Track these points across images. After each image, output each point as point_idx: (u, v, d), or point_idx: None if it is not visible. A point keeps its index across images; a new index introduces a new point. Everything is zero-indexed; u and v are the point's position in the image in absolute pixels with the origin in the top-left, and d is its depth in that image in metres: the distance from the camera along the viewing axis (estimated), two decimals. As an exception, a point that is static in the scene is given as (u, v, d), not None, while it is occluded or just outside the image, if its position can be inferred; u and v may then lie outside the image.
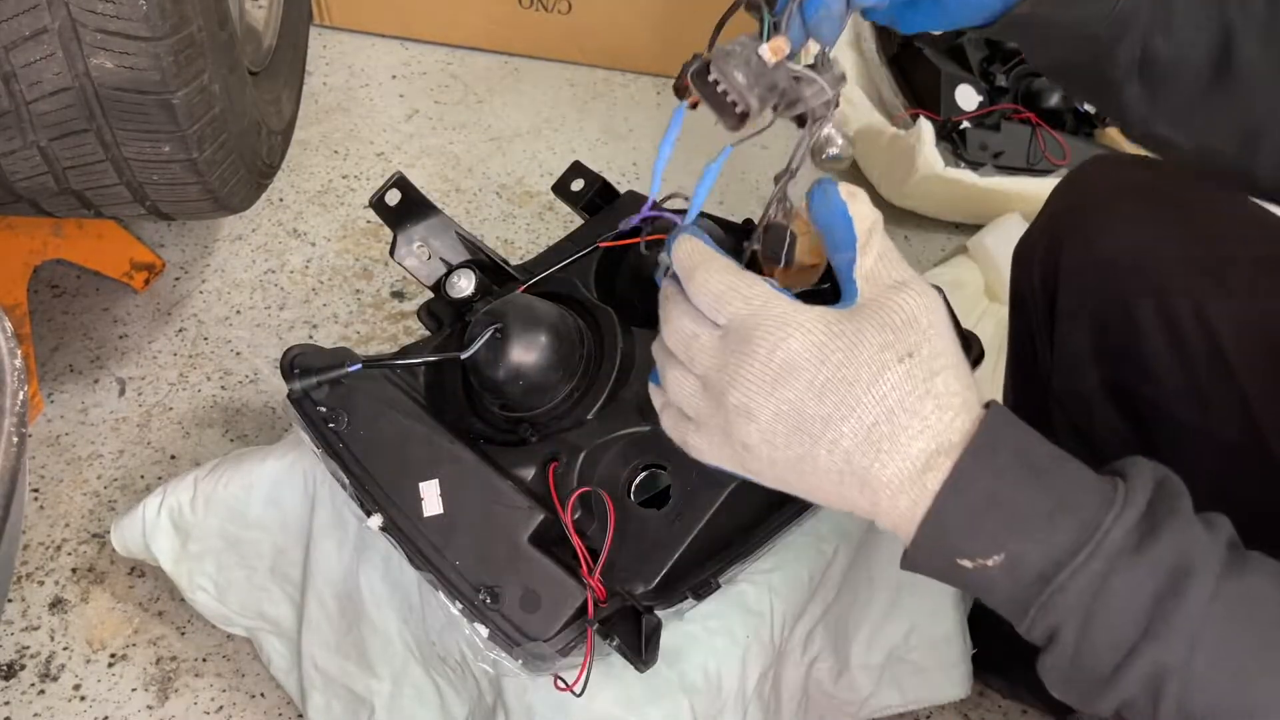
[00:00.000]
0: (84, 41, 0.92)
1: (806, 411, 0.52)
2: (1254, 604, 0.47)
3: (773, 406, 0.52)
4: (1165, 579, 0.48)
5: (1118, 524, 0.49)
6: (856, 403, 0.51)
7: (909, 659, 1.02)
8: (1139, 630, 0.48)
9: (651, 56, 2.15)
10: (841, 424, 0.51)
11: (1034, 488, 0.50)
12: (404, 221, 0.93)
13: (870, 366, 0.51)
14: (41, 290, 1.47)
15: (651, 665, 0.70)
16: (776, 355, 0.52)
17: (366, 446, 0.81)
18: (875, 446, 0.51)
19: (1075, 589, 0.49)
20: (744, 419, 0.53)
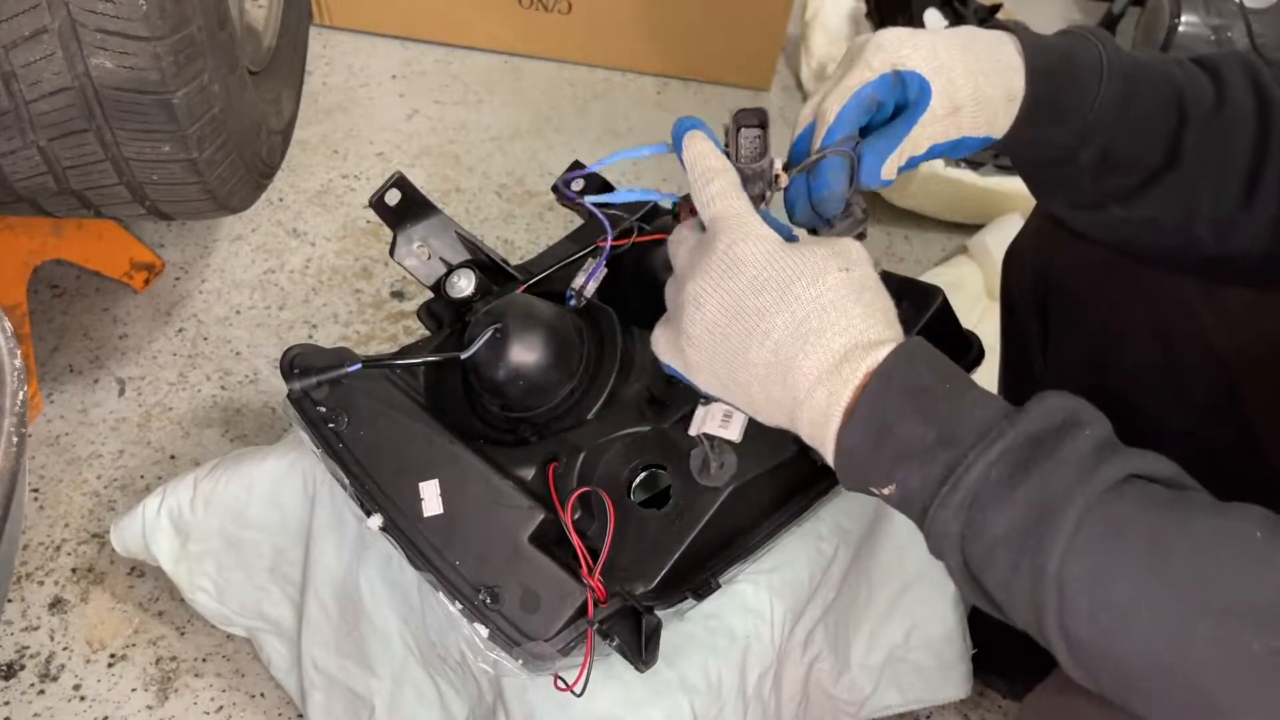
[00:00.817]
0: (84, 41, 0.92)
1: (745, 302, 0.58)
2: (1120, 532, 0.49)
3: (718, 296, 0.59)
4: (1032, 513, 0.51)
5: (980, 458, 0.52)
6: (794, 299, 0.57)
7: (909, 659, 1.02)
8: (1009, 563, 0.51)
9: (651, 56, 2.15)
10: (775, 315, 0.57)
11: (921, 421, 0.54)
12: (404, 221, 0.93)
13: (812, 270, 0.58)
14: (41, 290, 1.47)
15: (651, 665, 0.70)
16: (732, 251, 0.59)
17: (366, 446, 0.81)
18: (803, 339, 0.57)
19: (942, 519, 0.53)
20: (694, 307, 0.60)
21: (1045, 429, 0.53)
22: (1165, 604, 0.48)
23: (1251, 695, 0.46)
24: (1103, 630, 0.50)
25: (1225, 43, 2.28)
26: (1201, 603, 0.47)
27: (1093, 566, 0.49)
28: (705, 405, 0.70)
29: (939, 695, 1.06)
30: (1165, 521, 0.50)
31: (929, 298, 0.86)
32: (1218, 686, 0.47)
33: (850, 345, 0.57)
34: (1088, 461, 0.52)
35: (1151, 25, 2.43)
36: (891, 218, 1.92)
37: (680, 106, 2.11)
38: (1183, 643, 0.47)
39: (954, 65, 0.67)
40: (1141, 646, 0.49)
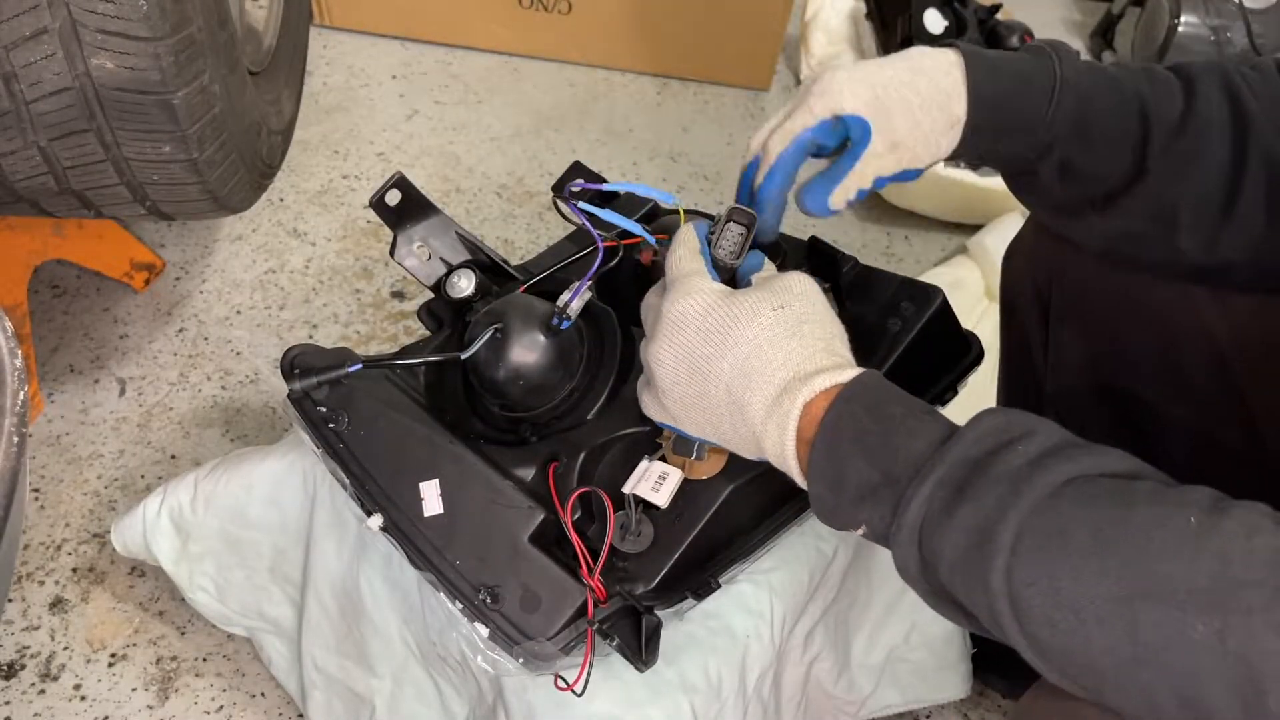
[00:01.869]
0: (84, 42, 0.92)
1: (696, 352, 0.64)
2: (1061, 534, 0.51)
3: (673, 350, 0.65)
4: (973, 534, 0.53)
5: (917, 492, 0.55)
6: (734, 342, 0.62)
7: (909, 659, 1.02)
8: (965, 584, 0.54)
9: (651, 56, 2.15)
10: (721, 360, 0.63)
11: (866, 464, 0.58)
12: (404, 221, 0.93)
13: (745, 313, 0.63)
14: (42, 290, 1.47)
15: (651, 665, 0.70)
16: (675, 309, 0.65)
17: (366, 446, 0.81)
18: (747, 378, 0.62)
19: (900, 554, 0.57)
20: (656, 364, 0.66)
21: (980, 451, 0.55)
22: (1111, 597, 0.49)
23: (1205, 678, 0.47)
24: (1062, 631, 0.51)
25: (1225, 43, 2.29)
26: (1143, 592, 0.48)
27: (1040, 573, 0.51)
28: (648, 463, 0.76)
29: (939, 695, 1.06)
30: (1105, 517, 0.51)
31: (929, 298, 0.86)
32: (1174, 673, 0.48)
33: (789, 378, 0.61)
34: (1021, 472, 0.53)
35: (1151, 25, 2.43)
36: (891, 218, 1.92)
37: (680, 106, 2.11)
38: (1133, 633, 0.48)
39: (893, 105, 0.72)
40: (1099, 642, 0.50)
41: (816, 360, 0.62)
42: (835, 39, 2.05)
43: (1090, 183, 0.77)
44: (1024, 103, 0.74)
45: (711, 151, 2.01)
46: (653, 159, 1.97)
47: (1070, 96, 0.74)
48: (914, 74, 0.73)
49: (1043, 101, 0.74)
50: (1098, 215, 0.78)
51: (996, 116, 0.73)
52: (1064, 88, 0.74)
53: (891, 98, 0.72)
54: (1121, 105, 0.75)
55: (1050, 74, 0.74)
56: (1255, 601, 0.46)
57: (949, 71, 0.73)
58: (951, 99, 0.73)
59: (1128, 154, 0.75)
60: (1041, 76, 0.74)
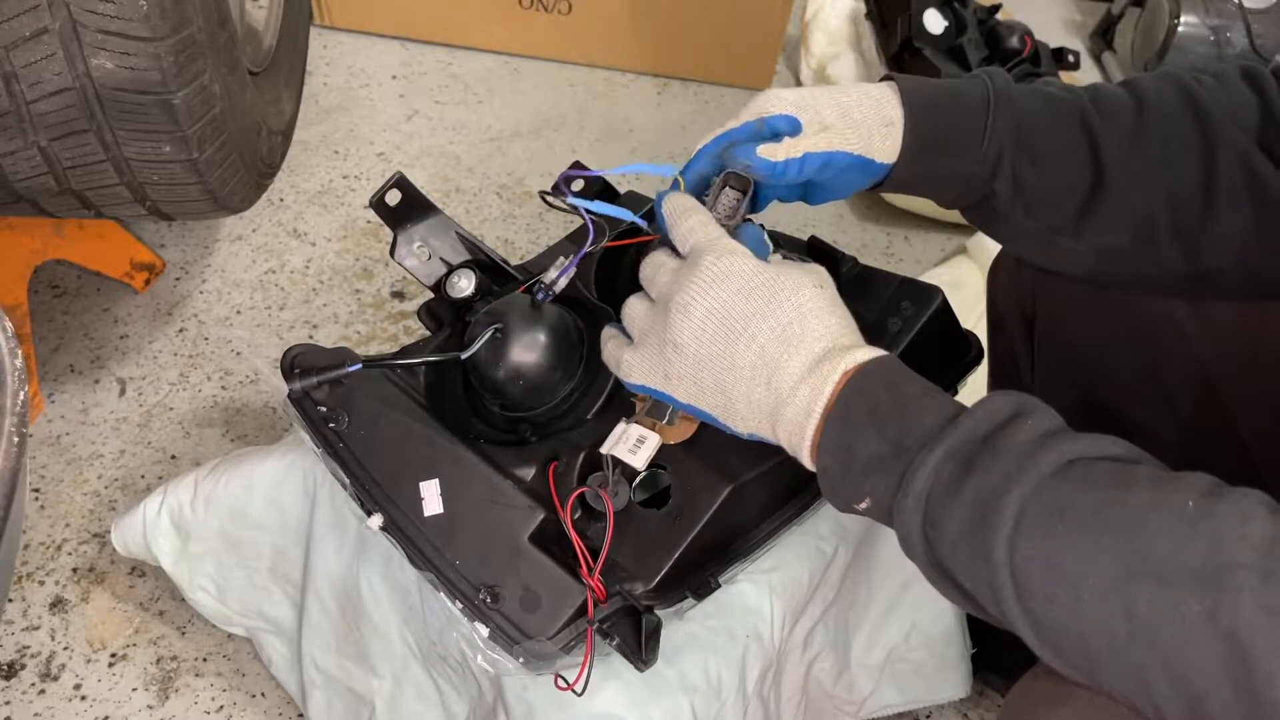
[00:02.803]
0: (84, 42, 0.92)
1: (734, 309, 0.63)
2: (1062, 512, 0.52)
3: (707, 303, 0.64)
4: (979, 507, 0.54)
5: (924, 462, 0.56)
6: (778, 305, 0.63)
7: (909, 658, 1.02)
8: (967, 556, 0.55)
9: (651, 56, 2.15)
10: (762, 320, 0.63)
11: (877, 437, 0.58)
12: (404, 221, 0.93)
13: (792, 281, 0.64)
14: (42, 290, 1.47)
15: (651, 665, 0.70)
16: (720, 264, 0.64)
17: (366, 446, 0.81)
18: (787, 342, 0.62)
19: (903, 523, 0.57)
20: (682, 315, 0.64)
21: (989, 427, 0.56)
22: (1108, 575, 0.50)
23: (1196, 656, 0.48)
24: (1059, 606, 0.51)
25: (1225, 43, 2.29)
26: (1140, 571, 0.49)
27: (1041, 548, 0.52)
28: (625, 425, 0.76)
29: (939, 694, 1.06)
30: (1105, 498, 0.51)
31: (929, 298, 0.86)
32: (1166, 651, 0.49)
33: (828, 348, 0.62)
34: (1027, 449, 0.54)
35: (1151, 25, 2.43)
36: (891, 218, 1.93)
37: (680, 106, 2.12)
38: (1128, 611, 0.49)
39: (820, 101, 0.73)
40: (1095, 618, 0.50)
41: (852, 337, 0.64)
42: (835, 39, 2.05)
43: (1050, 204, 0.77)
44: (961, 114, 0.75)
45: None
46: (653, 159, 1.97)
47: (1006, 110, 0.75)
48: (844, 90, 0.75)
49: (979, 113, 0.75)
50: (1071, 240, 0.78)
51: (935, 124, 0.74)
52: (999, 101, 0.75)
53: (819, 97, 0.74)
54: (1061, 118, 0.76)
55: (982, 90, 0.75)
56: (1246, 582, 0.47)
57: (881, 90, 0.75)
58: (883, 104, 0.74)
59: (1079, 167, 0.75)
60: (974, 93, 0.75)
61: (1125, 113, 0.75)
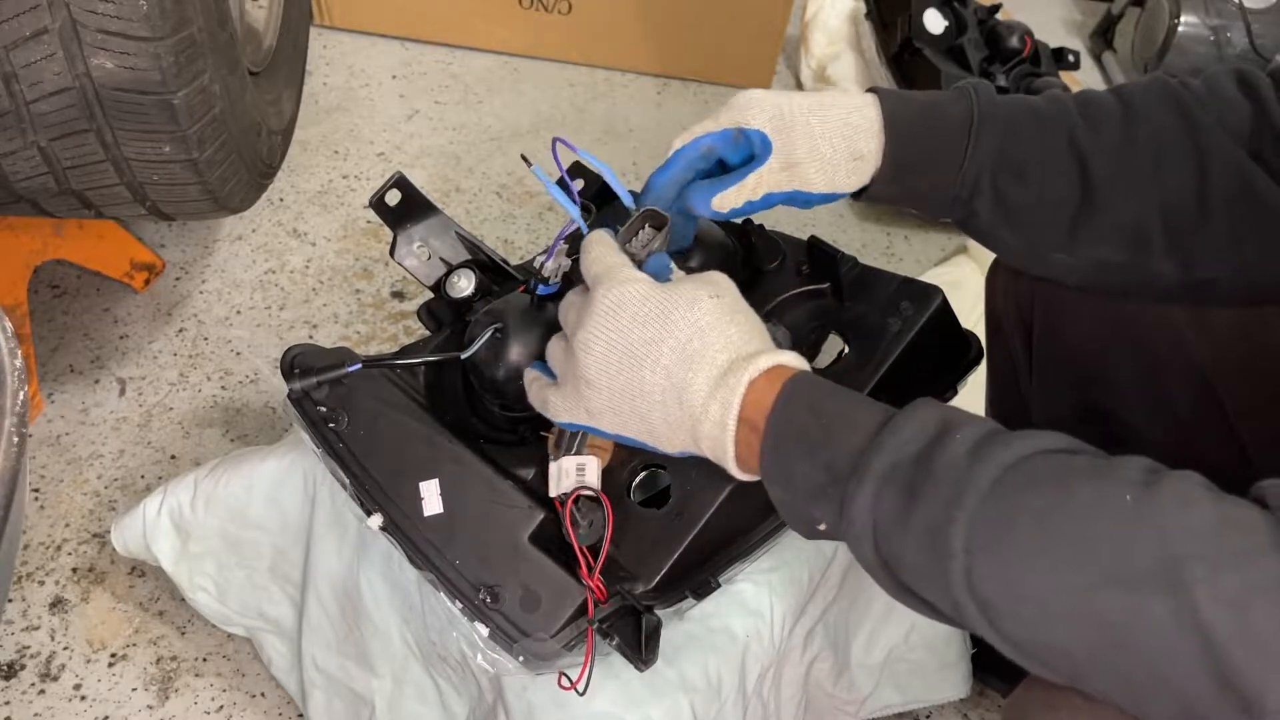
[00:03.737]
0: (84, 42, 0.92)
1: (633, 337, 0.64)
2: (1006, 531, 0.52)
3: (606, 336, 0.64)
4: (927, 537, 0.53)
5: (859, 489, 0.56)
6: (674, 326, 0.63)
7: (909, 659, 1.02)
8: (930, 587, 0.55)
9: (651, 56, 2.15)
10: (661, 344, 0.63)
11: (809, 462, 0.59)
12: (404, 221, 0.93)
13: (685, 298, 0.64)
14: (42, 290, 1.47)
15: (651, 665, 0.70)
16: (610, 295, 0.65)
17: (366, 446, 0.81)
18: (689, 360, 0.63)
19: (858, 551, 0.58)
20: (585, 352, 0.65)
21: (919, 445, 0.56)
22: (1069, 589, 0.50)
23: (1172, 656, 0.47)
24: (1028, 624, 0.51)
25: (1225, 43, 2.29)
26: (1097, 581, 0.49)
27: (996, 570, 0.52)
28: (555, 464, 0.75)
29: (938, 694, 1.06)
30: (1046, 504, 0.51)
31: (929, 298, 0.86)
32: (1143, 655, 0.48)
33: (732, 359, 0.63)
34: (962, 466, 0.54)
35: (1151, 25, 2.43)
36: (891, 218, 1.93)
37: (680, 106, 2.12)
38: (1097, 621, 0.49)
39: (796, 126, 0.74)
40: (1067, 632, 0.50)
41: (754, 343, 0.64)
42: (835, 39, 2.05)
43: (1039, 220, 0.77)
44: (942, 132, 0.75)
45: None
46: (653, 159, 1.97)
47: (990, 127, 0.75)
48: (825, 106, 0.75)
49: (961, 131, 0.75)
50: (1063, 254, 0.78)
51: (915, 145, 0.75)
52: (982, 120, 0.75)
53: (796, 120, 0.74)
54: (1047, 134, 0.75)
55: (966, 107, 0.75)
56: (1198, 574, 0.46)
57: (861, 110, 0.75)
58: (858, 135, 0.74)
59: (1067, 183, 0.75)
60: (957, 109, 0.75)
61: (1114, 125, 0.75)
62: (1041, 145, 0.75)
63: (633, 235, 0.73)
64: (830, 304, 0.88)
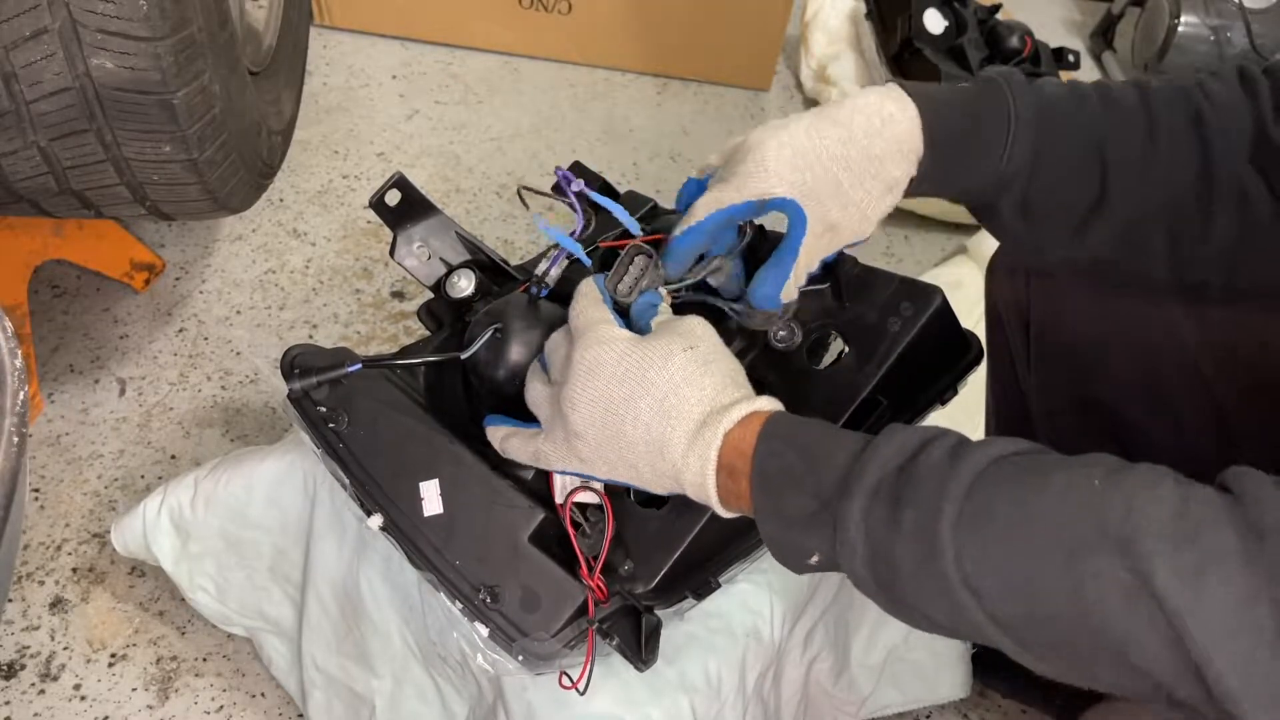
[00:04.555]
0: (84, 42, 0.92)
1: (612, 395, 0.65)
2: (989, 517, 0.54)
3: (589, 394, 0.66)
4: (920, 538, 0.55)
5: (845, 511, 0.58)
6: (650, 383, 0.65)
7: (909, 659, 1.02)
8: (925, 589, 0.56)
9: (651, 56, 2.15)
10: (639, 401, 0.65)
11: (798, 494, 0.61)
12: (404, 221, 0.93)
13: (659, 355, 0.65)
14: (42, 290, 1.47)
15: (651, 665, 0.70)
16: (589, 355, 0.67)
17: (366, 446, 0.81)
18: (666, 416, 0.64)
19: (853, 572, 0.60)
20: (570, 407, 0.67)
21: (901, 459, 0.58)
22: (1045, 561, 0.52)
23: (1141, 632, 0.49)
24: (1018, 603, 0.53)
25: (1225, 43, 2.29)
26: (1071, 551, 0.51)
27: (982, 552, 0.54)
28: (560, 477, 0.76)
29: (938, 695, 1.06)
30: (1024, 490, 0.54)
31: (929, 298, 0.86)
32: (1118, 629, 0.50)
33: (706, 412, 0.64)
34: (942, 469, 0.56)
35: (1151, 25, 2.43)
36: (891, 218, 1.92)
37: (680, 106, 2.12)
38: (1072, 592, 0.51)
39: (822, 188, 0.72)
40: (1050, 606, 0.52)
41: (729, 393, 0.65)
42: (835, 39, 2.05)
43: (1050, 219, 0.77)
44: (982, 139, 0.74)
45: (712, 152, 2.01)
46: (653, 159, 1.97)
47: (1026, 135, 0.73)
48: (845, 144, 0.72)
49: (1000, 135, 0.74)
50: (1063, 250, 0.78)
51: (956, 155, 0.74)
52: (1020, 121, 0.73)
53: (820, 180, 0.72)
54: (1078, 140, 0.75)
55: (1005, 109, 0.74)
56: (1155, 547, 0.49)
57: (885, 125, 0.72)
58: (886, 163, 0.72)
59: (1085, 188, 0.75)
60: (996, 111, 0.74)
61: (1135, 136, 0.74)
62: (1072, 152, 0.74)
63: (621, 275, 0.74)
64: (830, 304, 0.88)
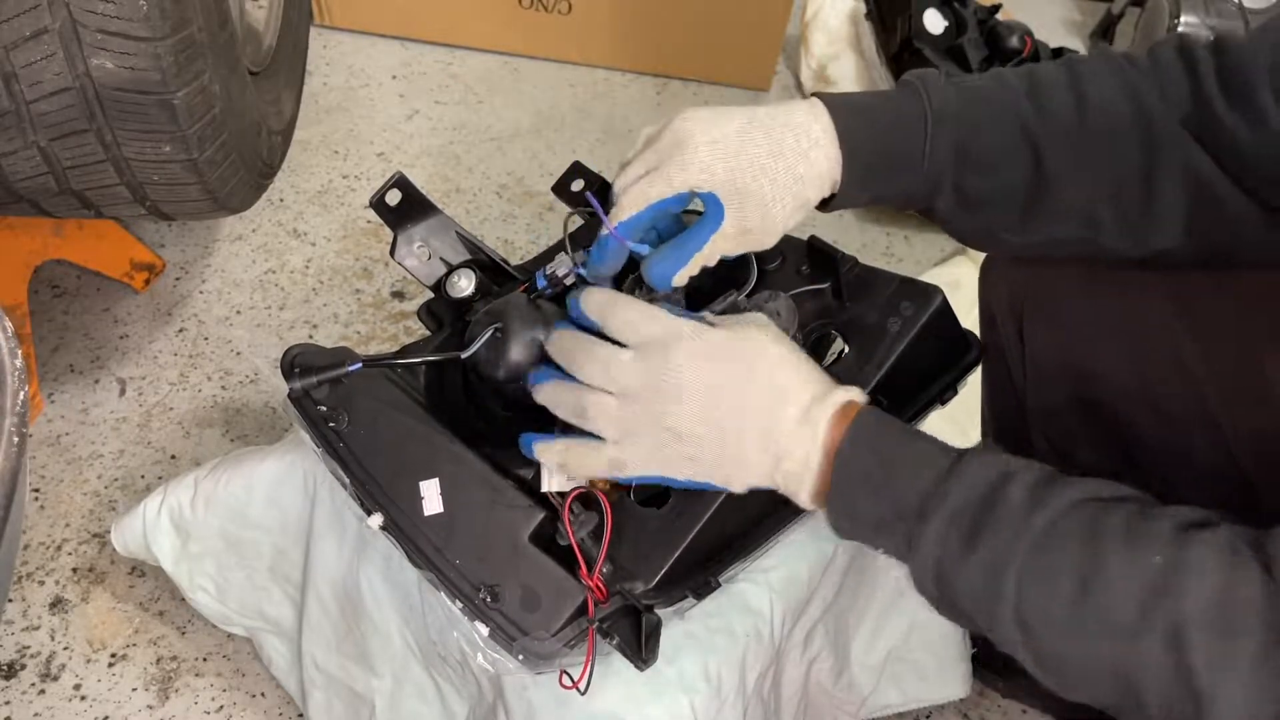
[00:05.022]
0: (84, 42, 0.92)
1: (721, 387, 0.67)
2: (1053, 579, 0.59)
3: (694, 386, 0.67)
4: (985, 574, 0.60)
5: (924, 532, 0.62)
6: (754, 373, 0.67)
7: (909, 658, 1.02)
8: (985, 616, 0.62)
9: (651, 56, 2.15)
10: (746, 389, 0.67)
11: (874, 501, 0.65)
12: (404, 221, 0.93)
13: (754, 346, 0.68)
14: (42, 290, 1.47)
15: (651, 664, 0.70)
16: (698, 347, 0.68)
17: (366, 445, 0.81)
18: (775, 399, 0.67)
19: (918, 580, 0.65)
20: (675, 403, 0.67)
21: (980, 493, 0.61)
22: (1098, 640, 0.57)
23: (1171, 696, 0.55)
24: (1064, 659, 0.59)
25: (1225, 43, 2.28)
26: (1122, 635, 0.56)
27: (1040, 613, 0.59)
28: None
29: (939, 694, 1.06)
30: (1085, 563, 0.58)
31: (929, 298, 0.86)
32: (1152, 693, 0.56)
33: (810, 398, 0.67)
34: (1021, 510, 0.60)
35: (1151, 25, 2.43)
36: (891, 218, 1.93)
37: (680, 106, 2.11)
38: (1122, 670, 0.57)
39: (748, 192, 0.73)
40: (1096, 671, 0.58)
41: (825, 385, 0.68)
42: (835, 39, 2.05)
43: (992, 206, 0.77)
44: (900, 146, 0.75)
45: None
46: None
47: (945, 132, 0.74)
48: (774, 158, 0.73)
49: (918, 138, 0.74)
50: (1016, 235, 0.79)
51: (874, 169, 0.75)
52: (937, 125, 0.74)
53: (747, 184, 0.73)
54: (1001, 125, 0.75)
55: (920, 115, 0.75)
56: (1196, 640, 0.54)
57: (811, 148, 0.73)
58: (806, 184, 0.74)
59: (1021, 173, 0.75)
60: (910, 120, 0.75)
61: (1066, 111, 0.74)
62: (996, 138, 0.75)
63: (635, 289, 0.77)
64: (830, 304, 0.88)
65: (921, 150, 0.75)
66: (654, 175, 0.74)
